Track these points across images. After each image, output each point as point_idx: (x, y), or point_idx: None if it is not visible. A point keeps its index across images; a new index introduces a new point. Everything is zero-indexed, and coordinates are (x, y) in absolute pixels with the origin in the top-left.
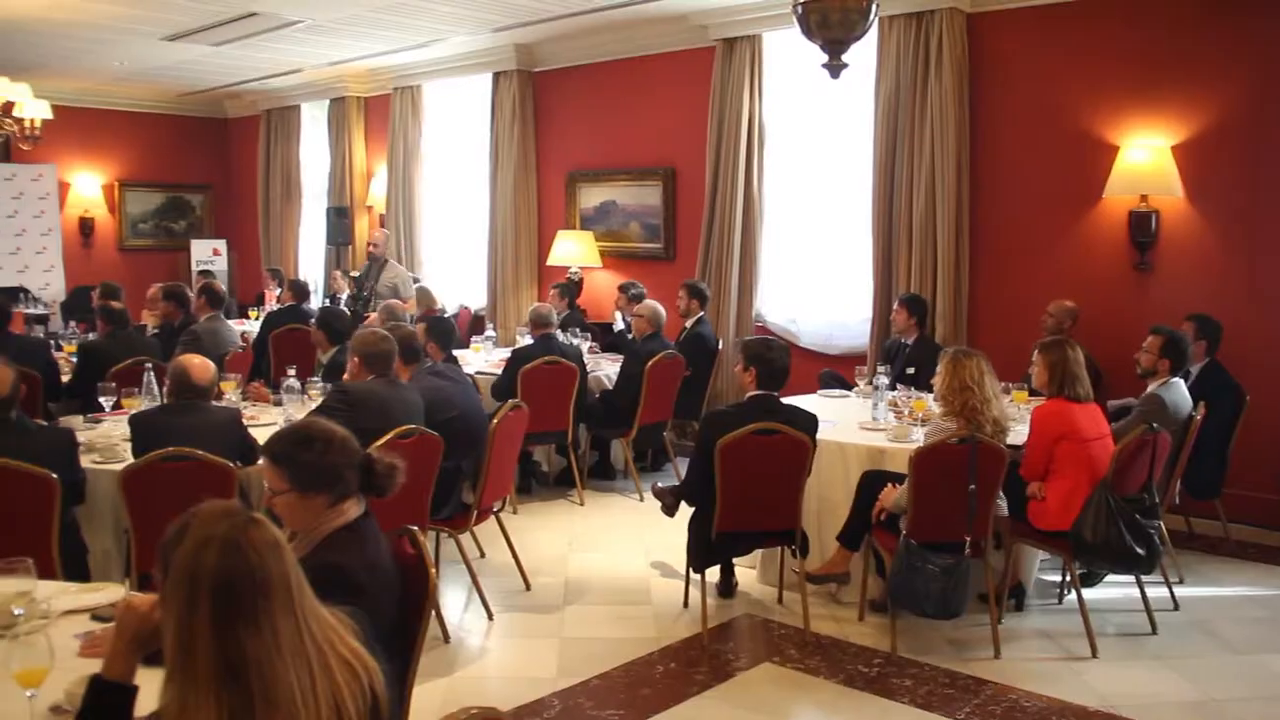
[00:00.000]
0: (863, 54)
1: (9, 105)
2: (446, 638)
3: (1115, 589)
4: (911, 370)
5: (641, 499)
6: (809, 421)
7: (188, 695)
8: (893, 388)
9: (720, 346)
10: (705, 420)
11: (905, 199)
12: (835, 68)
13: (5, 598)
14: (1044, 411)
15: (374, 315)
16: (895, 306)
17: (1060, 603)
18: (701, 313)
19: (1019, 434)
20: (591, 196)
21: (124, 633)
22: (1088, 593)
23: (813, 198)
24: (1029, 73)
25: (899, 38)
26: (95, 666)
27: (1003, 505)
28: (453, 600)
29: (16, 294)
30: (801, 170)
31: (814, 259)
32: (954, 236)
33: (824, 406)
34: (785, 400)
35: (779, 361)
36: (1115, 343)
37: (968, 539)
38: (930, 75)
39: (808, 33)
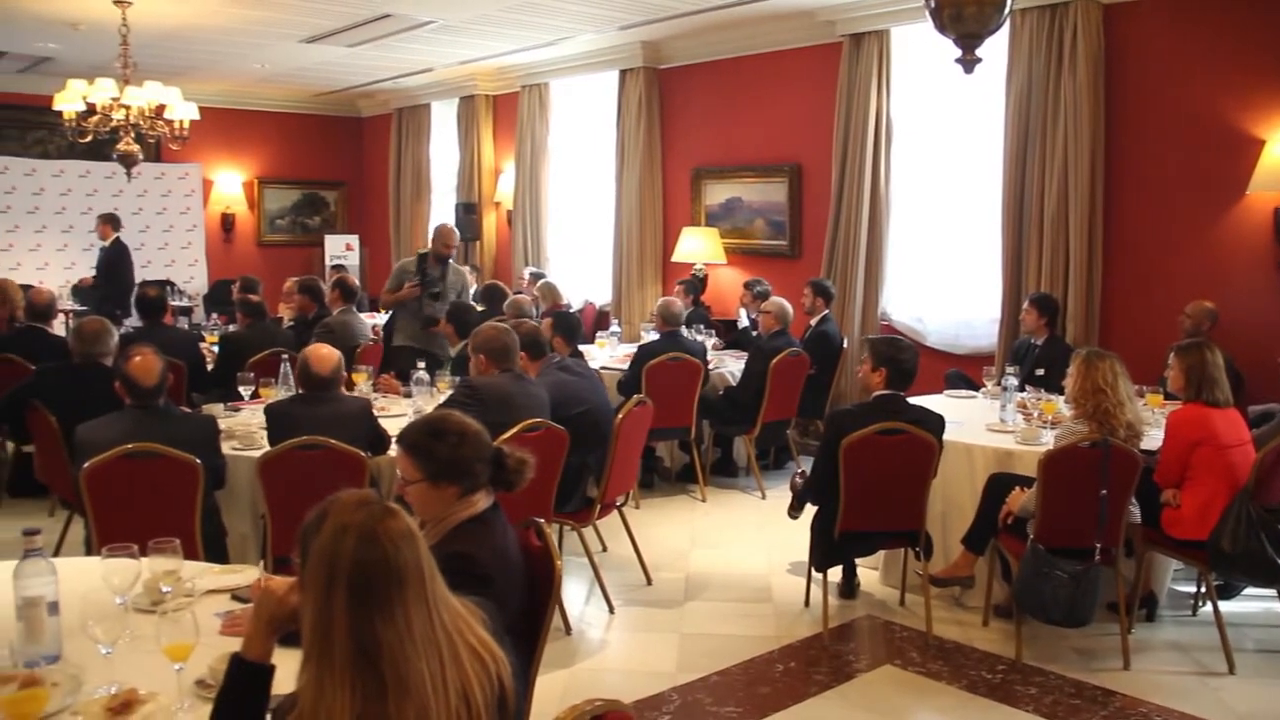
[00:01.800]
0: (994, 48)
1: (161, 108)
2: (568, 629)
3: (1254, 602)
4: (1041, 371)
5: (764, 497)
6: (936, 422)
7: (324, 678)
8: (1021, 389)
9: (845, 345)
10: (830, 419)
11: (1036, 195)
12: (969, 63)
13: (155, 575)
14: (1180, 416)
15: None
16: (1025, 306)
17: (1195, 615)
18: (826, 311)
19: (1154, 439)
20: (717, 193)
21: (261, 614)
22: (1225, 605)
23: (941, 195)
24: (1168, 64)
25: (1031, 30)
26: (235, 644)
27: (1135, 512)
28: (574, 593)
29: (163, 287)
30: (929, 167)
31: (941, 257)
32: (1087, 234)
33: (950, 407)
34: (911, 400)
35: (909, 362)
36: (1257, 346)
37: (1098, 546)
38: (1064, 68)
39: (940, 28)
